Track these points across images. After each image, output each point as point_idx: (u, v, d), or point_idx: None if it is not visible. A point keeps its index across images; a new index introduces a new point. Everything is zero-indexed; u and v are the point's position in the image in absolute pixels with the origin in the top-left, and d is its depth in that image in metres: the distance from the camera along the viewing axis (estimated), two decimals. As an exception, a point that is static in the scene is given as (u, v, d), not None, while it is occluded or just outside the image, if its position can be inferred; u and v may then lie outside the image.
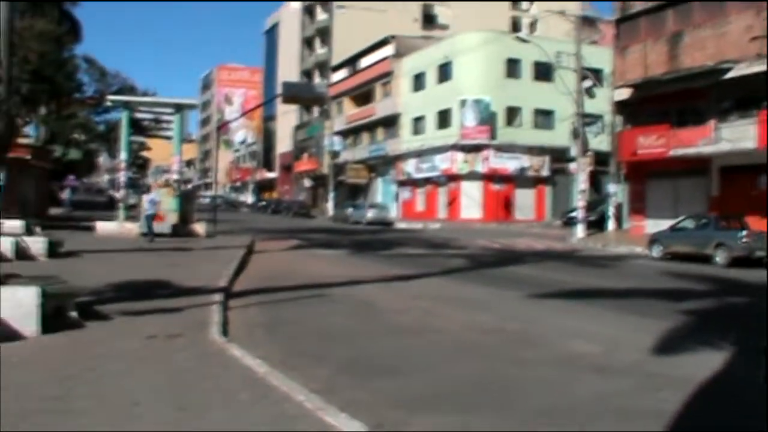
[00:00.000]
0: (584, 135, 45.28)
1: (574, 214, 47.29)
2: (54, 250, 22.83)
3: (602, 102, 48.69)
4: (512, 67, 66.97)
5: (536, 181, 67.64)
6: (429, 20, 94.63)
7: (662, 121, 39.33)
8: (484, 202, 65.70)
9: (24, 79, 49.85)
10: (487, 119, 65.34)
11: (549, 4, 67.33)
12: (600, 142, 51.89)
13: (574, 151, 45.80)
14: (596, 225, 46.33)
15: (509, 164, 65.99)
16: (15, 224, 27.19)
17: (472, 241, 38.92)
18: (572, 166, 46.41)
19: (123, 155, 39.11)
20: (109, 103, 49.81)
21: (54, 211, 57.30)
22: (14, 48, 14.13)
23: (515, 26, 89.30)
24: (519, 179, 66.60)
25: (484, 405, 8.28)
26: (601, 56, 50.07)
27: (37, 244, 22.58)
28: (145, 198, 33.68)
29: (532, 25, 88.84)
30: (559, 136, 61.12)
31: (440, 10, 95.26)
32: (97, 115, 77.76)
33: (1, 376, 8.10)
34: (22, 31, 45.04)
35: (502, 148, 65.75)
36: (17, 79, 43.30)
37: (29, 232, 26.79)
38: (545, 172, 67.07)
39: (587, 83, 46.42)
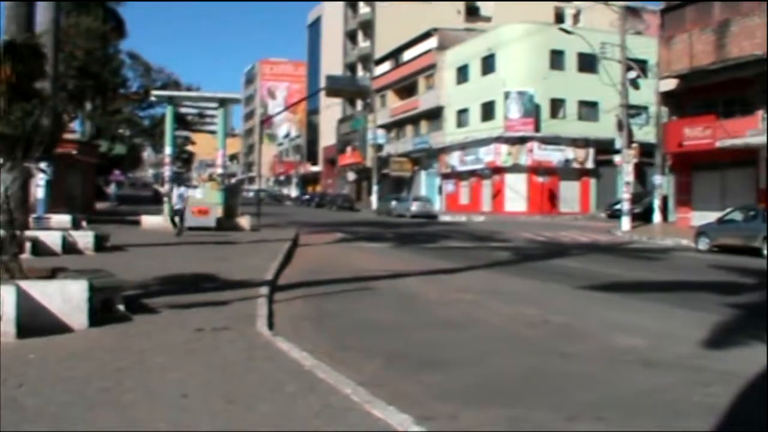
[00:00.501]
0: (629, 126, 44.97)
1: (619, 206, 46.91)
2: (100, 244, 23.04)
3: (647, 93, 48.36)
4: (556, 59, 66.58)
5: (581, 174, 67.24)
6: (472, 12, 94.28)
7: (709, 111, 38.96)
8: (529, 194, 65.43)
9: (70, 76, 50.43)
10: (531, 111, 65.04)
11: (593, -5, 66.88)
12: (645, 133, 51.53)
13: (619, 143, 45.45)
14: (642, 217, 46.05)
15: (553, 156, 65.66)
16: (62, 219, 27.55)
17: (517, 234, 38.78)
18: (617, 158, 46.03)
19: (168, 150, 39.39)
20: (153, 99, 50.23)
21: (100, 205, 57.91)
22: (61, 45, 14.22)
23: (559, 17, 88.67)
24: (563, 171, 66.23)
25: (531, 399, 8.24)
26: (646, 46, 49.48)
27: (84, 238, 22.78)
28: (174, 192, 33.52)
29: (576, 16, 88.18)
30: (603, 127, 60.67)
31: (483, 2, 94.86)
32: (142, 110, 78.47)
33: (51, 368, 8.21)
34: (68, 29, 45.55)
35: (546, 140, 65.44)
36: (64, 76, 43.81)
37: (76, 226, 27.11)
38: (590, 164, 66.64)
39: (632, 74, 46.10)
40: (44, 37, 13.29)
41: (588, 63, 61.89)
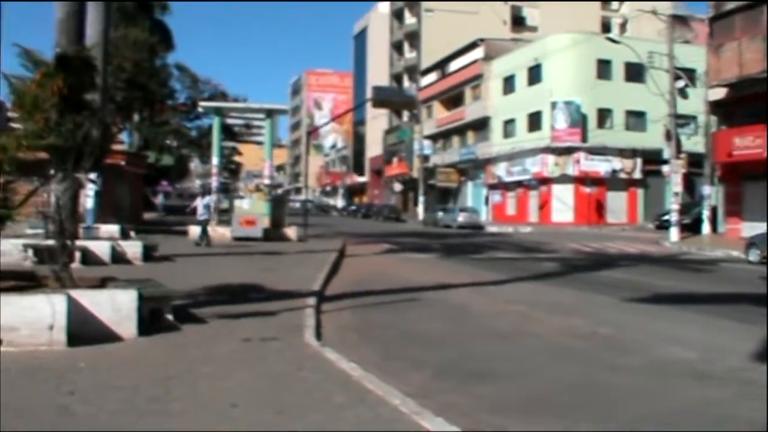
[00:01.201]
0: (677, 136, 44.54)
1: (667, 217, 46.49)
2: (149, 254, 23.24)
3: (696, 102, 47.89)
4: (603, 68, 66.13)
5: (628, 184, 66.71)
6: (518, 22, 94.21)
7: (759, 121, 38.46)
8: (576, 205, 65.05)
9: (119, 88, 50.91)
10: (578, 121, 64.73)
11: (640, 4, 66.25)
12: (694, 143, 50.98)
13: (667, 153, 45.05)
14: (690, 228, 45.54)
15: (601, 167, 65.23)
16: (111, 228, 27.82)
17: (564, 245, 38.55)
18: (665, 168, 45.62)
19: (215, 160, 39.69)
20: (201, 110, 50.54)
21: (148, 215, 58.38)
22: (109, 57, 14.41)
23: (605, 26, 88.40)
24: (611, 182, 65.76)
25: (580, 411, 8.19)
26: (694, 55, 48.98)
27: (132, 248, 22.99)
28: (200, 202, 33.14)
29: (623, 25, 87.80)
30: (651, 137, 60.16)
31: (529, 12, 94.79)
32: (189, 121, 78.92)
33: (101, 376, 8.28)
34: (116, 41, 46.02)
35: (593, 151, 65.04)
36: (112, 88, 44.28)
37: (124, 236, 27.38)
38: (637, 175, 66.09)
39: (680, 83, 45.70)
40: (94, 50, 13.39)
41: (635, 72, 61.41)
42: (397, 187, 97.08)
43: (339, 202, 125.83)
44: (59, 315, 9.54)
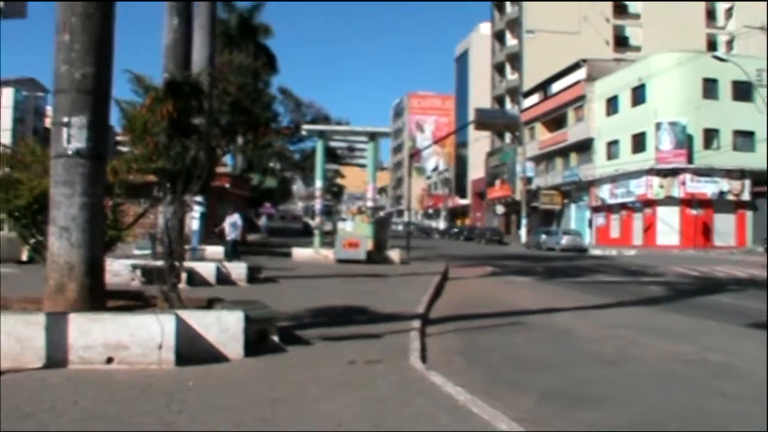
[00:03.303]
0: (788, 157, 43.50)
1: (778, 239, 45.39)
2: (253, 276, 23.49)
3: (808, 122, 46.75)
4: (709, 88, 64.99)
5: (736, 206, 65.33)
6: (621, 42, 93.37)
7: None
8: (681, 227, 63.99)
9: (223, 111, 51.83)
10: (684, 142, 63.76)
11: (747, 20, 65.15)
12: (806, 164, 49.76)
13: (777, 174, 44.03)
14: (803, 251, 44.38)
15: (707, 188, 64.08)
16: (216, 250, 28.27)
17: (670, 269, 37.86)
18: (775, 189, 44.60)
19: (318, 183, 40.05)
20: (304, 133, 51.13)
21: (251, 237, 59.13)
22: (215, 82, 14.71)
23: (711, 44, 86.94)
24: (718, 204, 64.53)
25: (690, 439, 8.01)
26: (806, 74, 47.98)
27: (237, 269, 23.26)
28: (227, 221, 32.68)
29: (730, 43, 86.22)
30: (760, 158, 58.95)
31: (632, 31, 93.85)
32: (293, 144, 79.94)
33: (209, 396, 8.39)
34: (221, 66, 46.87)
35: (699, 172, 63.97)
36: (217, 111, 45.11)
37: (229, 257, 27.76)
38: (746, 196, 64.73)
39: (791, 103, 44.65)
40: (201, 75, 13.67)
41: (743, 91, 60.34)
42: (500, 209, 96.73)
43: (441, 224, 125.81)
44: (168, 335, 9.70)
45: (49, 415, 7.49)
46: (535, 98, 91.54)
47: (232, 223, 31.54)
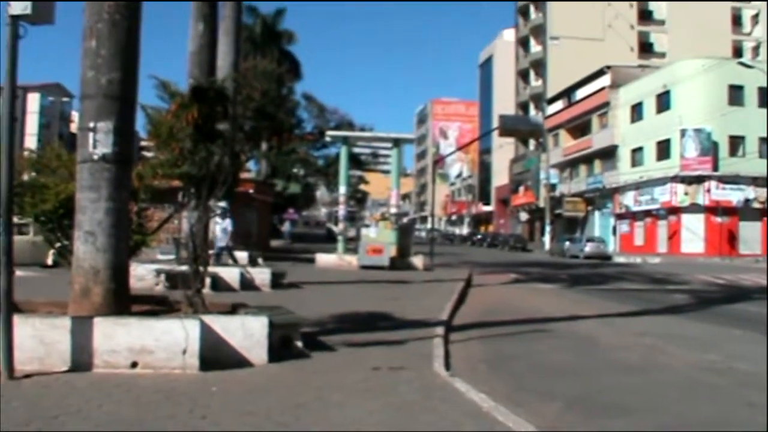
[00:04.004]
0: (815, 165, 43.21)
1: (804, 247, 45.09)
2: (276, 281, 23.49)
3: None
4: (735, 94, 64.66)
5: (762, 213, 64.87)
6: (645, 48, 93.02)
7: None
8: (706, 235, 63.66)
9: (247, 117, 51.95)
10: (709, 149, 63.44)
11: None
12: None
13: (804, 182, 43.75)
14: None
15: (733, 196, 63.73)
16: (240, 255, 28.31)
17: (695, 277, 37.67)
18: (802, 197, 44.32)
19: (342, 189, 40.06)
20: (328, 139, 51.15)
21: (275, 243, 59.24)
22: (239, 87, 14.79)
23: (737, 51, 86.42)
24: (744, 211, 64.15)
25: (717, 448, 7.95)
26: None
27: (261, 275, 23.29)
28: (218, 226, 29.23)
29: (756, 49, 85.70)
30: (787, 165, 58.60)
31: (657, 38, 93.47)
32: (316, 150, 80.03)
33: (233, 401, 8.39)
34: (245, 71, 46.98)
35: (724, 179, 63.64)
36: (241, 117, 45.23)
37: (253, 263, 27.79)
38: (773, 204, 64.29)
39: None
40: (226, 81, 13.71)
41: (770, 97, 60.02)
42: (523, 216, 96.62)
43: (464, 230, 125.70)
44: (192, 339, 9.72)
45: (75, 418, 7.53)
46: (559, 105, 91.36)
47: (223, 229, 29.91)
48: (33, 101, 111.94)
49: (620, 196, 74.32)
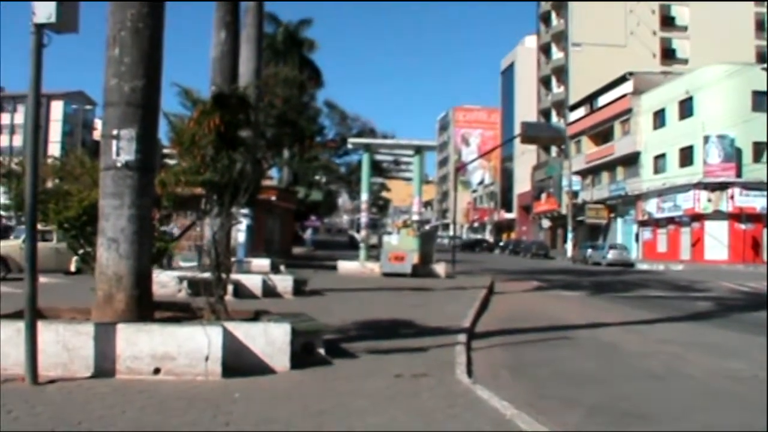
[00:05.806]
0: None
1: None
2: (299, 288, 23.51)
3: None
4: (759, 100, 64.22)
5: (787, 220, 64.49)
6: (668, 55, 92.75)
7: None
8: (730, 242, 63.31)
9: (269, 124, 52.08)
10: (732, 156, 63.13)
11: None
12: None
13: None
14: None
15: (757, 202, 63.30)
16: (262, 263, 28.35)
17: (719, 284, 37.47)
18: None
19: (364, 196, 40.03)
20: (350, 146, 51.30)
21: (297, 250, 59.32)
22: (261, 95, 14.78)
23: (761, 56, 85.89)
24: (768, 218, 63.75)
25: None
26: None
27: (283, 282, 23.33)
28: (207, 233, 30.50)
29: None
30: (812, 171, 58.21)
31: (679, 44, 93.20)
32: (338, 157, 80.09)
33: (255, 408, 8.40)
34: (267, 79, 47.12)
35: (748, 186, 63.28)
36: (263, 124, 45.38)
37: (275, 270, 27.82)
38: (797, 211, 63.87)
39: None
40: (248, 88, 13.75)
41: (794, 104, 59.69)
42: (546, 223, 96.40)
43: (487, 238, 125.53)
44: (215, 346, 9.74)
45: (99, 424, 7.56)
46: (581, 111, 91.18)
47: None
48: (56, 109, 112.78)
49: (643, 203, 74.07)
